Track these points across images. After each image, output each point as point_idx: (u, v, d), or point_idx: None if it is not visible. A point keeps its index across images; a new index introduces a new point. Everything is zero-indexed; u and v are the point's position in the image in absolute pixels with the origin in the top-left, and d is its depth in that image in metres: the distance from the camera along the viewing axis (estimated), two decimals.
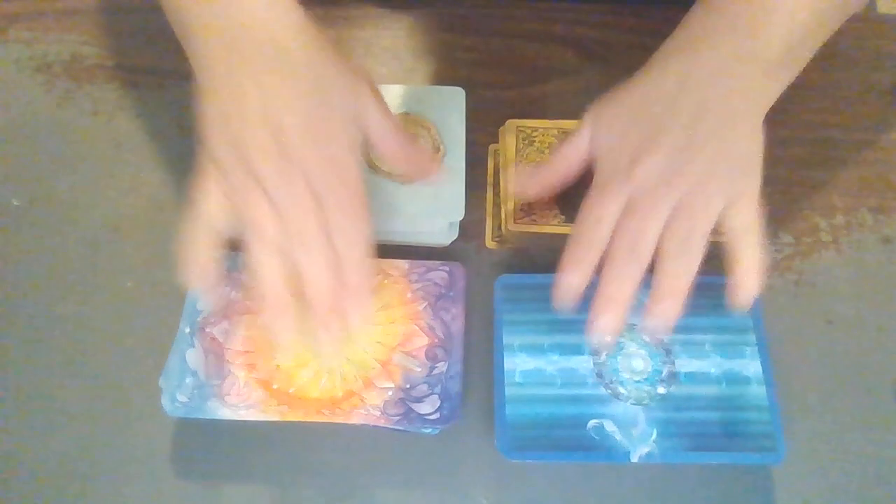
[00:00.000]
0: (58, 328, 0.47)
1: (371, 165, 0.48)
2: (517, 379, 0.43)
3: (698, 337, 0.44)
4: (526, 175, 0.44)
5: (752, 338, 0.44)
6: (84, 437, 0.44)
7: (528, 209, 0.47)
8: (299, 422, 0.42)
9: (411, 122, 0.50)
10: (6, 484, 0.43)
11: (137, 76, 0.56)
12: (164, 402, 0.42)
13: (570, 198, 0.47)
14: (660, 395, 0.43)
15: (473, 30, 0.58)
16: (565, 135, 0.50)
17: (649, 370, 0.43)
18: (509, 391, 0.43)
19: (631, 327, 0.45)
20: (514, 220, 0.47)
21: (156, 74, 0.56)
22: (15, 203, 0.51)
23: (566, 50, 0.57)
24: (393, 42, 0.57)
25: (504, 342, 0.44)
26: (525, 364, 0.44)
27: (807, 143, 0.53)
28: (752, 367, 0.43)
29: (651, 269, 0.37)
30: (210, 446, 0.43)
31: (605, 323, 0.37)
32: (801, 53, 0.39)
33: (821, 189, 0.51)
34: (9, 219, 0.50)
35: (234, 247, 0.48)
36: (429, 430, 0.42)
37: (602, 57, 0.57)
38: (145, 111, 0.55)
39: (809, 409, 0.44)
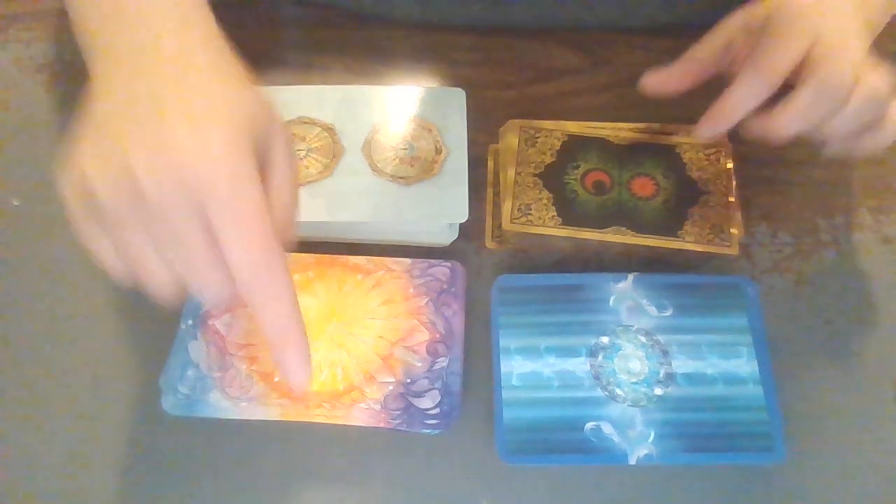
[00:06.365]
0: (58, 328, 0.47)
1: (374, 168, 0.48)
2: (514, 382, 0.43)
3: (695, 338, 0.44)
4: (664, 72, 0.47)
5: (748, 338, 0.44)
6: (84, 436, 0.44)
7: (525, 209, 0.47)
8: (299, 422, 0.42)
9: (413, 124, 0.50)
10: (5, 484, 0.43)
11: None
12: (165, 401, 0.42)
13: (567, 200, 0.47)
14: (657, 396, 0.43)
15: (473, 30, 0.58)
16: (568, 137, 0.50)
17: (646, 372, 0.43)
18: (506, 395, 0.43)
19: (627, 329, 0.45)
20: (511, 220, 0.47)
21: None
22: (15, 203, 0.51)
23: (566, 50, 0.57)
24: (393, 42, 0.57)
25: (501, 345, 0.44)
26: (522, 367, 0.44)
27: (807, 144, 0.53)
28: (749, 367, 0.43)
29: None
30: (210, 446, 0.43)
31: None
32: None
33: (821, 189, 0.51)
34: (9, 219, 0.50)
35: None
36: (428, 431, 0.43)
37: (602, 57, 0.57)
38: None
39: (809, 409, 0.44)
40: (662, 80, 0.47)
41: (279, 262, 0.31)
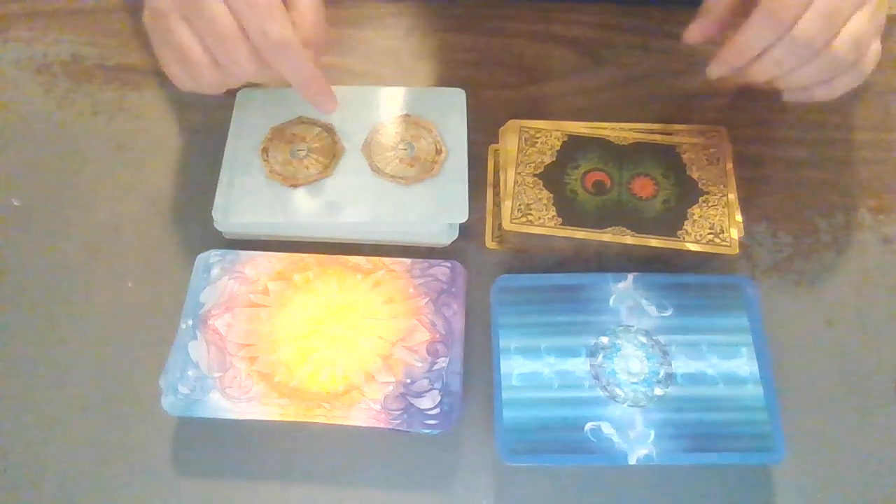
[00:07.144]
0: (58, 328, 0.47)
1: (374, 168, 0.48)
2: (514, 382, 0.43)
3: (695, 338, 0.44)
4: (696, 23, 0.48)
5: (748, 338, 0.44)
6: (84, 437, 0.44)
7: (525, 210, 0.47)
8: (299, 422, 0.42)
9: (413, 124, 0.50)
10: (5, 484, 0.43)
11: (137, 76, 0.56)
12: (165, 401, 0.42)
13: (567, 200, 0.48)
14: (657, 396, 0.43)
15: (473, 30, 0.58)
16: (568, 137, 0.50)
17: (646, 372, 0.43)
18: (506, 395, 0.43)
19: (627, 329, 0.45)
20: (511, 220, 0.47)
21: (156, 74, 0.56)
22: (15, 203, 0.51)
23: (566, 50, 0.57)
24: (393, 43, 0.57)
25: (500, 345, 0.44)
26: (522, 367, 0.44)
27: (807, 143, 0.53)
28: (749, 367, 0.43)
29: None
30: (210, 446, 0.44)
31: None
32: None
33: (821, 189, 0.51)
34: (9, 219, 0.51)
35: (237, 245, 0.48)
36: (428, 432, 0.43)
37: (602, 57, 0.57)
38: (145, 111, 0.55)
39: (809, 409, 0.44)
40: (701, 30, 0.47)
41: (290, 35, 0.41)
